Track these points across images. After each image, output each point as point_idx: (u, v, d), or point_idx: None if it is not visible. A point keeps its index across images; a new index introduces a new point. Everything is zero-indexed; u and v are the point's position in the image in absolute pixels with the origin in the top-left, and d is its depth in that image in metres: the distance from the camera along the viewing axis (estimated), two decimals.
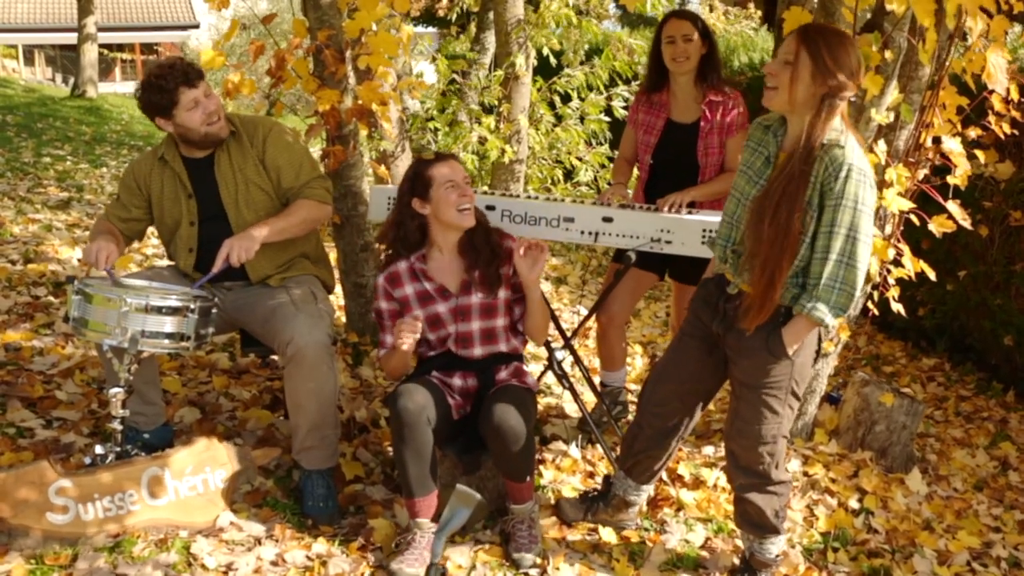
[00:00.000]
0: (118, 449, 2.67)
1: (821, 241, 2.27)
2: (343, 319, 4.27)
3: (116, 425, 2.64)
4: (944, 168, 3.15)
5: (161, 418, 3.05)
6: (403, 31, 3.75)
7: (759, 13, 8.64)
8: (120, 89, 24.70)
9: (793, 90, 2.25)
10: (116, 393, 2.61)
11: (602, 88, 6.53)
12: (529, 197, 3.31)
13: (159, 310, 2.52)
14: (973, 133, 3.17)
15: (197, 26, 27.51)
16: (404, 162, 6.27)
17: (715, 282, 2.56)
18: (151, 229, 3.21)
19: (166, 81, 2.81)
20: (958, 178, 2.99)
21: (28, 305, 4.25)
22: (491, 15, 7.11)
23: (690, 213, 3.11)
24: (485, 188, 3.42)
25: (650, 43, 3.50)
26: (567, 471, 3.29)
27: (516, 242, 2.71)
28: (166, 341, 2.54)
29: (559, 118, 6.57)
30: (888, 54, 2.68)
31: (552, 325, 3.31)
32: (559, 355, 3.30)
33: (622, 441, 2.82)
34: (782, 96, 2.28)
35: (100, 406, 3.35)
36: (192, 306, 2.56)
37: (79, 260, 5.00)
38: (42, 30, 25.83)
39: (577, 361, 3.40)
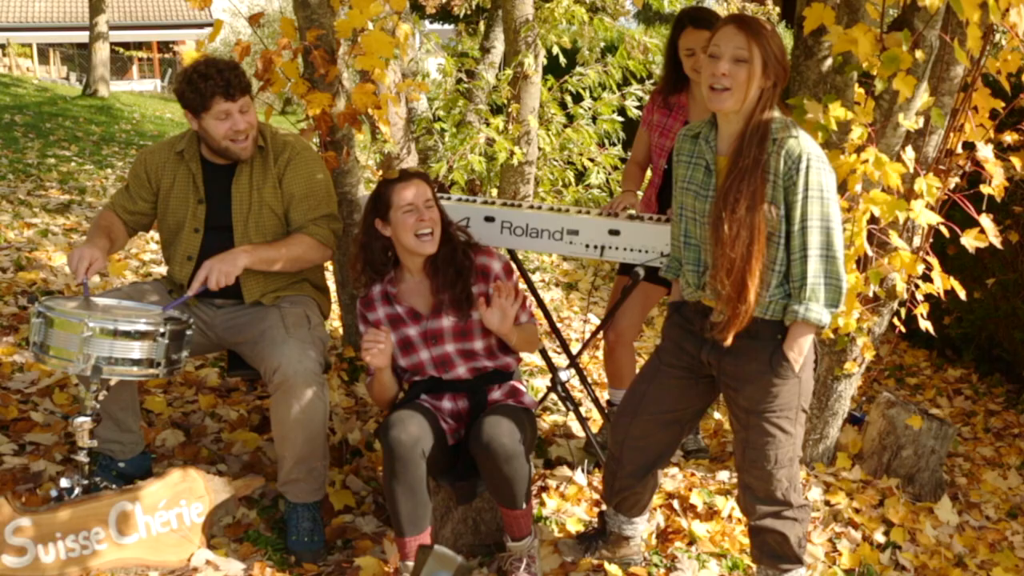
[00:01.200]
0: (85, 482, 2.49)
1: (796, 239, 2.14)
2: (340, 331, 4.09)
3: (82, 457, 2.46)
4: (976, 176, 2.92)
5: (139, 446, 2.87)
6: (400, 30, 3.54)
7: (777, 10, 8.37)
8: (137, 87, 24.70)
9: (749, 88, 2.13)
10: (82, 423, 2.43)
11: (615, 87, 6.31)
12: (532, 207, 3.10)
13: (127, 334, 2.34)
14: (1009, 138, 2.93)
15: (213, 25, 27.44)
16: (409, 164, 6.10)
17: (691, 308, 2.37)
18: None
19: (204, 85, 2.64)
20: (993, 189, 2.75)
21: (14, 316, 4.09)
22: (499, 13, 6.89)
23: None
24: (484, 198, 3.20)
25: (665, 41, 3.28)
26: (572, 499, 3.08)
27: (485, 293, 2.53)
28: (134, 368, 2.36)
29: (570, 118, 6.36)
30: (919, 54, 2.44)
31: (556, 341, 3.12)
32: (564, 374, 3.09)
33: (603, 478, 2.62)
34: (738, 95, 2.14)
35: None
36: (162, 330, 2.37)
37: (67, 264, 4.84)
38: (57, 28, 25.85)
39: (584, 382, 3.19)
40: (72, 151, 9.40)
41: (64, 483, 2.47)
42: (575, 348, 4.45)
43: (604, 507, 2.68)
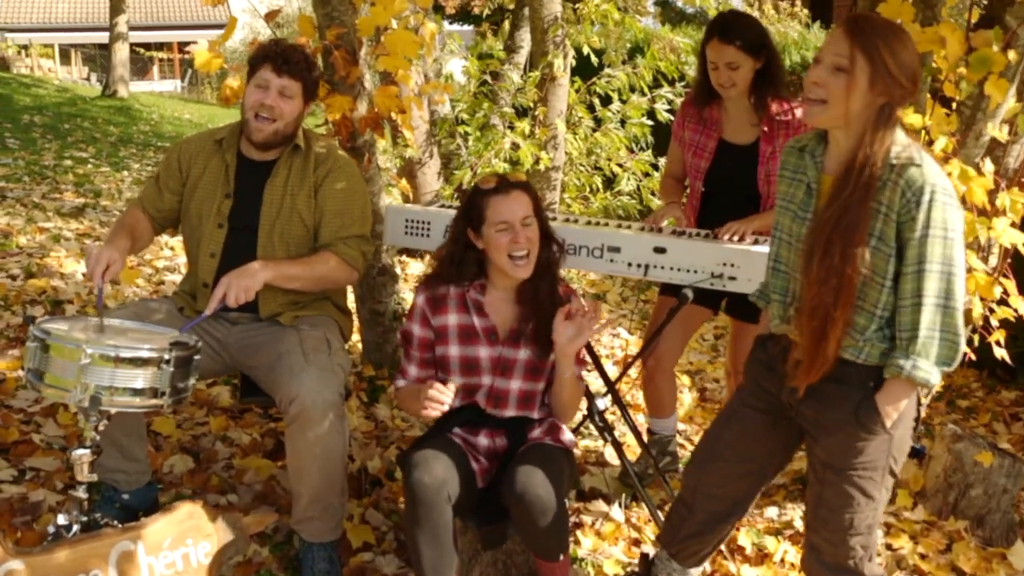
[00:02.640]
0: (85, 519, 2.27)
1: (909, 283, 1.85)
2: (359, 346, 3.87)
3: (81, 493, 2.24)
4: None
5: (145, 476, 2.65)
6: (426, 28, 3.32)
7: (805, 12, 8.09)
8: (157, 88, 24.67)
9: (847, 104, 1.84)
10: (81, 456, 2.20)
11: (646, 89, 6.06)
12: (568, 220, 2.87)
13: (129, 361, 2.12)
14: None
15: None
16: (431, 169, 5.88)
17: (776, 342, 2.11)
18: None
19: (263, 49, 2.55)
20: None
21: (21, 328, 3.90)
22: (526, 11, 6.66)
23: (756, 243, 2.65)
24: None
25: (697, 42, 3.01)
26: (609, 538, 2.85)
27: (561, 309, 2.26)
28: (136, 399, 2.14)
29: (598, 121, 6.12)
30: (1012, 55, 2.19)
31: (591, 363, 2.88)
32: (602, 403, 2.85)
33: (666, 520, 2.38)
34: (835, 111, 1.86)
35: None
36: (167, 356, 2.15)
37: (83, 275, 4.66)
38: (79, 29, 25.89)
39: (623, 410, 2.95)
40: (89, 152, 9.26)
41: (61, 520, 2.25)
42: (607, 365, 4.21)
43: (647, 548, 2.45)
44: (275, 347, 2.52)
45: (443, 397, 2.17)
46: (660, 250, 2.62)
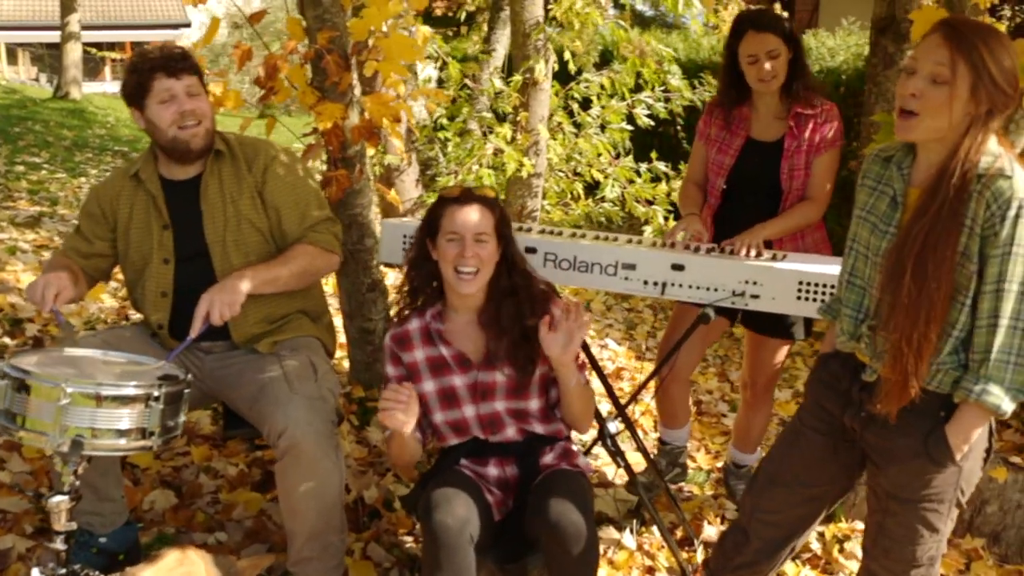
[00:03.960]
0: (63, 571, 2.07)
1: (987, 303, 1.73)
2: (345, 365, 3.68)
3: (59, 544, 2.03)
4: None
5: (122, 516, 2.45)
6: (419, 31, 3.15)
7: (786, 15, 8.05)
8: (110, 89, 24.03)
9: (946, 117, 1.71)
10: (59, 503, 2.00)
11: (627, 94, 5.94)
12: (574, 235, 2.72)
13: (114, 400, 1.92)
14: None
15: (188, 24, 26.86)
16: (410, 176, 5.68)
17: (841, 361, 1.98)
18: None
19: (143, 62, 2.30)
20: None
21: None
22: (502, 14, 6.52)
23: (780, 259, 2.52)
24: (519, 225, 2.81)
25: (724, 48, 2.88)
26: (622, 568, 2.70)
27: (543, 321, 2.11)
28: (121, 441, 1.94)
29: (578, 127, 5.98)
30: None
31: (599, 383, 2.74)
32: (613, 425, 2.70)
33: (718, 546, 2.23)
34: (935, 123, 1.73)
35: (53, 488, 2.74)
36: (156, 393, 1.95)
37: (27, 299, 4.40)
38: (27, 28, 25.11)
39: (631, 431, 2.81)
40: (42, 157, 8.90)
41: (36, 573, 2.04)
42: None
43: (673, 566, 2.29)
44: (256, 376, 2.34)
45: (399, 396, 2.02)
46: (678, 267, 2.47)
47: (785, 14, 8.17)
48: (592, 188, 6.15)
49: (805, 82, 2.76)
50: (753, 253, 2.57)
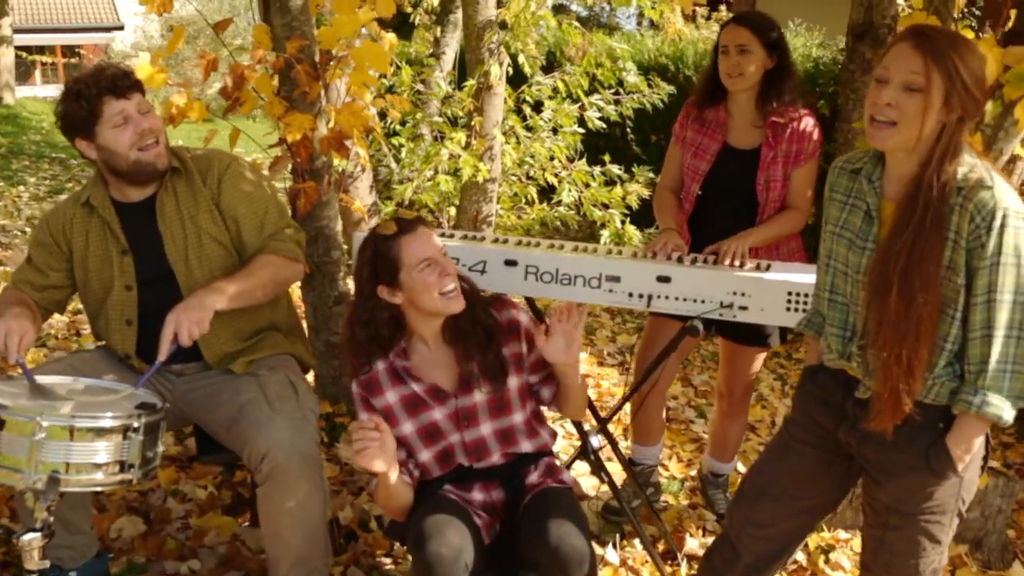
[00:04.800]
0: None
1: (979, 314, 1.72)
2: (311, 381, 3.59)
3: None
4: None
5: (92, 548, 2.35)
6: (384, 38, 3.08)
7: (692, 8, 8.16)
8: (40, 93, 23.26)
9: (920, 126, 1.70)
10: (31, 540, 1.88)
11: (582, 96, 5.92)
12: (552, 247, 2.68)
13: (91, 432, 1.82)
14: None
15: (121, 27, 26.17)
16: (364, 183, 5.59)
17: (831, 376, 1.97)
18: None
19: (87, 87, 2.17)
20: None
21: None
22: (452, 16, 6.45)
23: (765, 269, 2.51)
24: (496, 236, 2.76)
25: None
26: None
27: (540, 324, 2.09)
28: (98, 475, 1.84)
29: (530, 130, 5.94)
30: None
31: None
32: (596, 440, 2.67)
33: (705, 561, 2.21)
34: (908, 133, 1.72)
35: (14, 517, 2.61)
36: (135, 424, 1.86)
37: None
38: None
39: (615, 449, 2.78)
40: None
41: None
42: None
43: None
44: (233, 398, 2.25)
45: (367, 431, 1.91)
46: (664, 279, 2.45)
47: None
48: (546, 192, 6.13)
49: (782, 90, 2.73)
50: (738, 262, 2.56)
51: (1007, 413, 1.73)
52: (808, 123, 2.75)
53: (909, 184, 1.75)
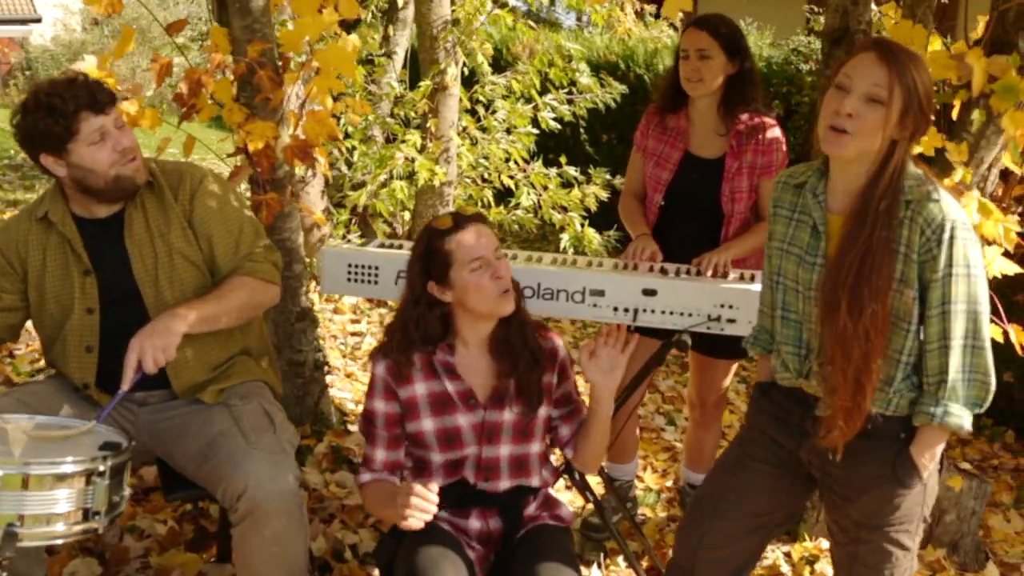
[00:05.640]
0: None
1: (934, 326, 1.73)
2: None
3: None
4: None
5: None
6: (346, 40, 2.93)
7: (680, 16, 8.14)
8: None
9: (877, 138, 1.71)
10: None
11: (535, 96, 5.83)
12: (530, 259, 2.57)
13: (47, 480, 1.65)
14: None
15: (39, 20, 25.19)
16: (315, 188, 5.40)
17: (785, 393, 1.94)
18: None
19: (63, 102, 1.99)
20: None
21: None
22: (401, 14, 6.29)
23: (752, 281, 2.44)
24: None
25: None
26: None
27: (583, 346, 1.98)
28: (60, 527, 1.68)
29: (483, 131, 5.82)
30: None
31: None
32: None
33: None
34: (866, 144, 1.72)
35: None
36: (101, 467, 1.70)
37: None
38: None
39: (603, 477, 2.69)
40: None
41: None
42: None
43: None
44: (204, 430, 2.10)
45: (428, 506, 1.78)
46: (650, 292, 2.36)
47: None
48: (502, 195, 6.02)
49: (745, 97, 2.67)
50: (721, 273, 2.49)
51: (967, 421, 1.75)
52: (775, 132, 2.69)
53: (856, 198, 1.75)
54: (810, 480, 1.98)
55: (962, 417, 1.74)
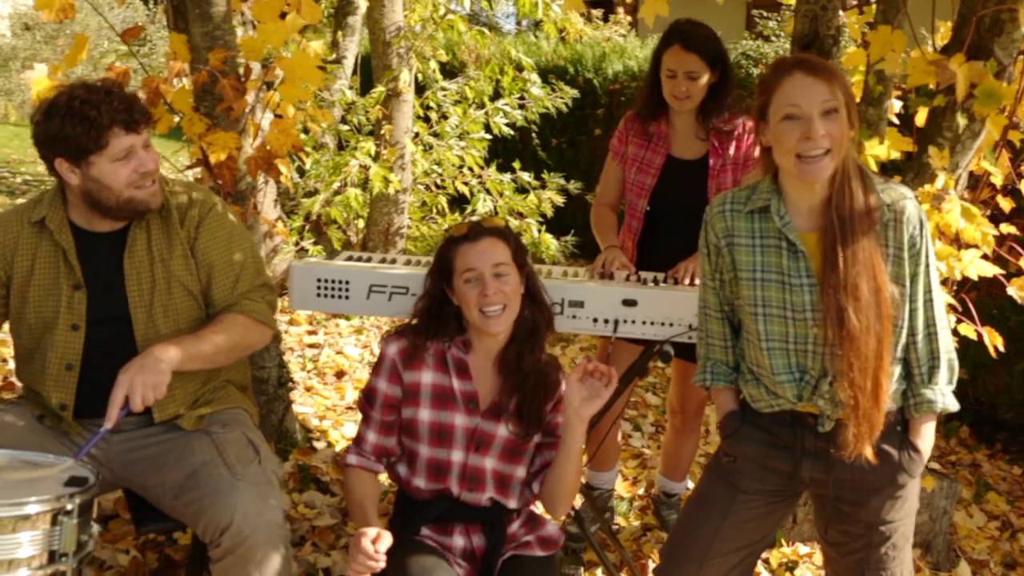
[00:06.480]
0: None
1: (921, 315, 1.82)
2: None
3: None
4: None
5: None
6: (307, 46, 2.84)
7: (628, 19, 8.18)
8: None
9: (845, 146, 1.77)
10: None
11: (486, 102, 5.77)
12: None
13: (9, 523, 1.54)
14: None
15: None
16: (268, 196, 5.27)
17: (771, 419, 1.91)
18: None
19: (98, 113, 1.90)
20: None
21: None
22: (351, 19, 6.18)
23: None
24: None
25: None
26: None
27: (572, 371, 1.93)
28: (22, 572, 1.56)
29: (436, 136, 5.75)
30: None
31: None
32: None
33: None
34: (836, 156, 1.76)
35: None
36: (68, 506, 1.59)
37: None
38: None
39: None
40: None
41: None
42: None
43: None
44: (185, 460, 1.99)
45: (378, 559, 1.74)
46: (630, 302, 2.32)
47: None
48: (456, 201, 5.95)
49: (725, 102, 2.67)
50: (698, 281, 2.46)
51: (954, 401, 1.83)
52: (751, 128, 2.69)
53: (823, 213, 1.78)
54: (796, 497, 2.00)
55: (952, 397, 1.83)
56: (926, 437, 1.85)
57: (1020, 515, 3.57)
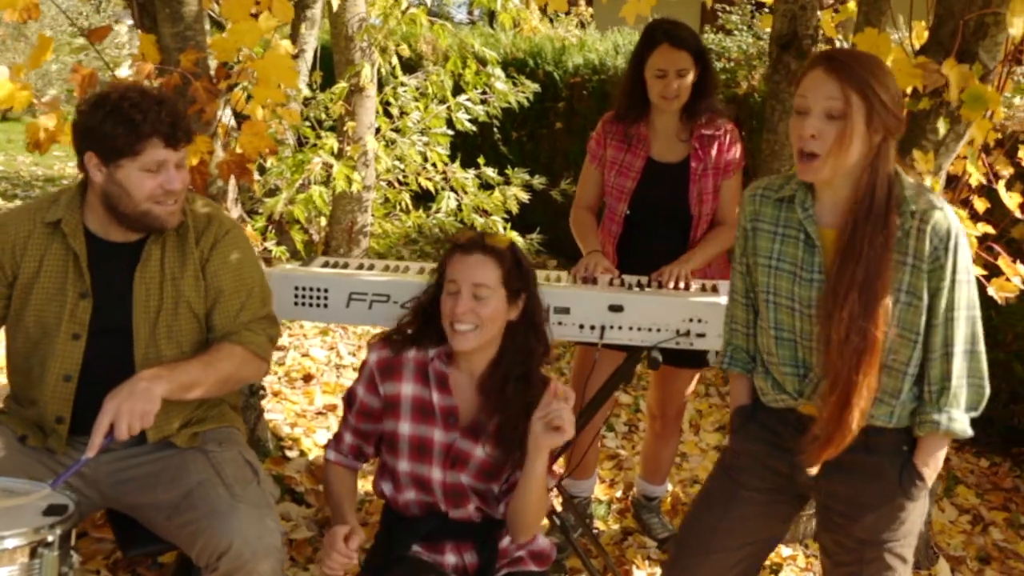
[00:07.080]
0: None
1: (939, 334, 1.74)
2: None
3: None
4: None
5: None
6: (279, 47, 2.75)
7: (590, 12, 8.15)
8: None
9: (848, 151, 1.69)
10: None
11: (448, 97, 5.70)
12: None
13: None
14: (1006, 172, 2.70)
15: None
16: (229, 196, 5.15)
17: (778, 417, 1.90)
18: None
19: (143, 119, 1.85)
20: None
21: None
22: (309, 12, 6.05)
23: (713, 291, 2.41)
24: (421, 266, 2.53)
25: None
26: None
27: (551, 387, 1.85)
28: None
29: (397, 131, 5.67)
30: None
31: None
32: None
33: None
34: (836, 161, 1.70)
35: None
36: (49, 538, 1.51)
37: None
38: None
39: (561, 493, 2.61)
40: None
41: None
42: None
43: None
44: (180, 479, 1.93)
45: (352, 557, 1.76)
46: (616, 308, 2.30)
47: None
48: (420, 198, 5.87)
49: (709, 103, 2.66)
50: (682, 285, 2.45)
51: (968, 426, 1.76)
52: (733, 134, 2.69)
53: (848, 211, 1.73)
54: (803, 498, 1.96)
55: (964, 423, 1.75)
56: (930, 460, 1.78)
57: (990, 508, 3.63)
